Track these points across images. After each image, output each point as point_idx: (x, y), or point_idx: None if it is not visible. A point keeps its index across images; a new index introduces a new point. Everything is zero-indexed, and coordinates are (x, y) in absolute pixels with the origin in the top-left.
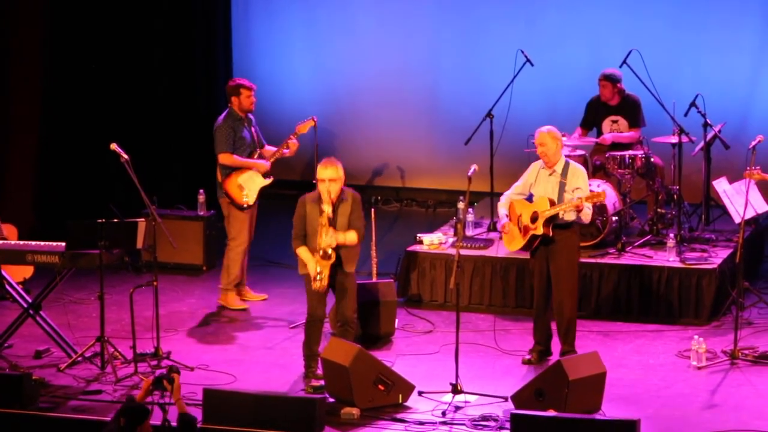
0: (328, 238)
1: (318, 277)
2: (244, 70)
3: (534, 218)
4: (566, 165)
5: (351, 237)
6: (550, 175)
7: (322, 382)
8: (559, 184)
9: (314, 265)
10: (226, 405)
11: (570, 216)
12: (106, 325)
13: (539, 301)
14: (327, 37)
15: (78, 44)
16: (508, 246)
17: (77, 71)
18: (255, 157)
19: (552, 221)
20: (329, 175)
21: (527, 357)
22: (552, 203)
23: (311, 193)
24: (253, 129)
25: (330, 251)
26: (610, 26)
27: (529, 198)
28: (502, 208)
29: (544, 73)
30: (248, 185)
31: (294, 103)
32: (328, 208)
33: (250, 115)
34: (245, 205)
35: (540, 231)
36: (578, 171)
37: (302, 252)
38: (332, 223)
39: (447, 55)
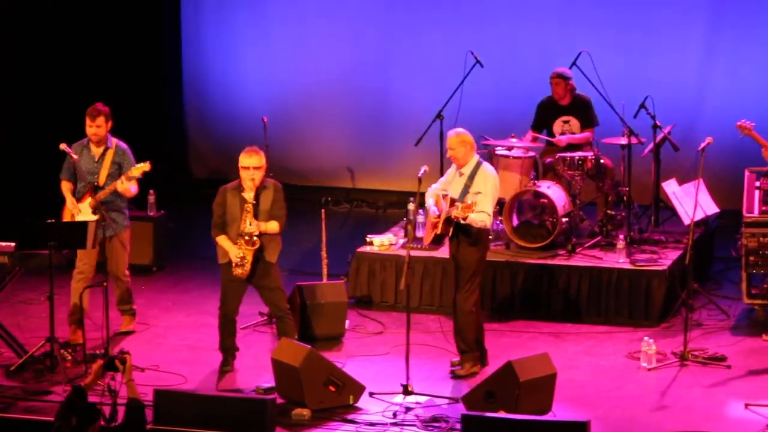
0: (251, 226)
1: (241, 263)
2: (194, 71)
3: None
4: (476, 168)
5: (272, 226)
6: (460, 176)
7: (271, 384)
8: (463, 186)
9: (236, 251)
10: (177, 406)
11: (469, 220)
12: (56, 326)
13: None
14: (277, 37)
15: (26, 43)
16: (425, 240)
17: (25, 71)
18: (91, 191)
19: (451, 222)
20: (253, 163)
21: (456, 359)
22: (452, 204)
23: (231, 183)
24: (106, 160)
25: (255, 238)
26: (559, 28)
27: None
28: (429, 199)
29: (494, 74)
30: (80, 218)
31: (244, 103)
32: (250, 196)
33: (120, 145)
34: None
35: (439, 230)
36: (486, 175)
37: (222, 240)
38: (255, 210)
39: (397, 56)
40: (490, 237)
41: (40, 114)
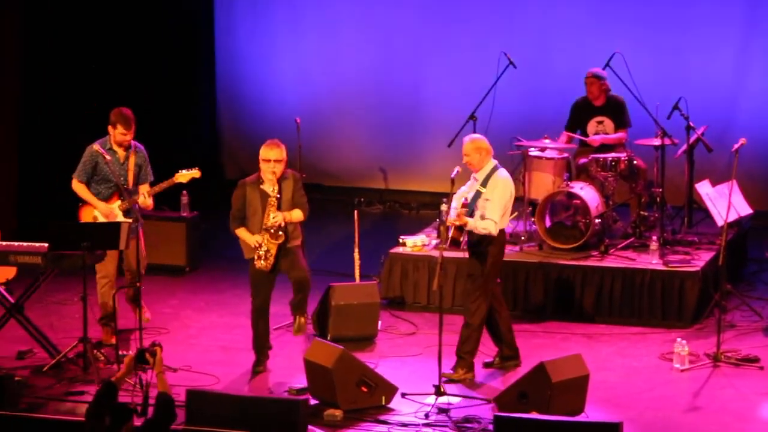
0: (276, 217)
1: (264, 256)
2: (227, 72)
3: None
4: (490, 174)
5: (297, 214)
6: (475, 181)
7: (303, 384)
8: (476, 192)
9: (259, 239)
10: (210, 406)
11: (470, 226)
12: (89, 326)
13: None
14: (311, 38)
15: (57, 43)
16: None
17: (57, 70)
18: (121, 195)
19: (462, 229)
20: (275, 156)
21: (488, 360)
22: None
23: (250, 177)
24: (131, 164)
25: (280, 232)
26: (592, 29)
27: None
28: (454, 201)
29: (527, 75)
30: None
31: (277, 104)
32: (272, 189)
33: (141, 149)
34: None
35: (452, 234)
36: (497, 182)
37: (242, 233)
38: (278, 202)
39: (430, 57)
40: (522, 238)
41: (70, 113)
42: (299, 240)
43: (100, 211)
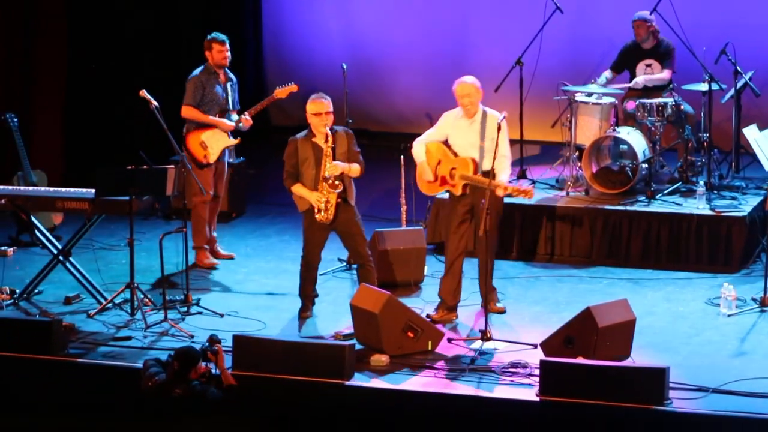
0: (333, 168)
1: (325, 207)
2: (274, 19)
3: (453, 174)
4: (484, 114)
5: (355, 168)
6: (471, 124)
7: (350, 330)
8: (479, 133)
9: (317, 195)
10: (256, 351)
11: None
12: (136, 272)
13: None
14: None
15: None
16: (424, 189)
17: (105, 19)
18: (225, 116)
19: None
20: (326, 108)
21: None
22: (475, 167)
23: (299, 134)
24: (228, 88)
25: (338, 182)
26: None
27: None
28: (418, 146)
29: (574, 20)
30: (211, 143)
31: (323, 50)
32: (323, 140)
33: (232, 77)
34: (204, 163)
35: (459, 191)
36: (495, 120)
37: (298, 188)
38: (333, 153)
39: (477, 1)
40: (569, 183)
41: (118, 61)
42: (354, 197)
43: (220, 126)
